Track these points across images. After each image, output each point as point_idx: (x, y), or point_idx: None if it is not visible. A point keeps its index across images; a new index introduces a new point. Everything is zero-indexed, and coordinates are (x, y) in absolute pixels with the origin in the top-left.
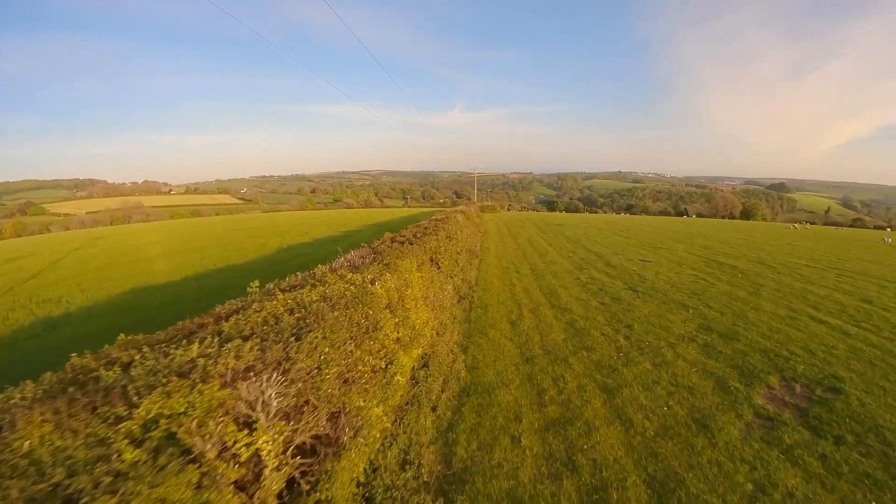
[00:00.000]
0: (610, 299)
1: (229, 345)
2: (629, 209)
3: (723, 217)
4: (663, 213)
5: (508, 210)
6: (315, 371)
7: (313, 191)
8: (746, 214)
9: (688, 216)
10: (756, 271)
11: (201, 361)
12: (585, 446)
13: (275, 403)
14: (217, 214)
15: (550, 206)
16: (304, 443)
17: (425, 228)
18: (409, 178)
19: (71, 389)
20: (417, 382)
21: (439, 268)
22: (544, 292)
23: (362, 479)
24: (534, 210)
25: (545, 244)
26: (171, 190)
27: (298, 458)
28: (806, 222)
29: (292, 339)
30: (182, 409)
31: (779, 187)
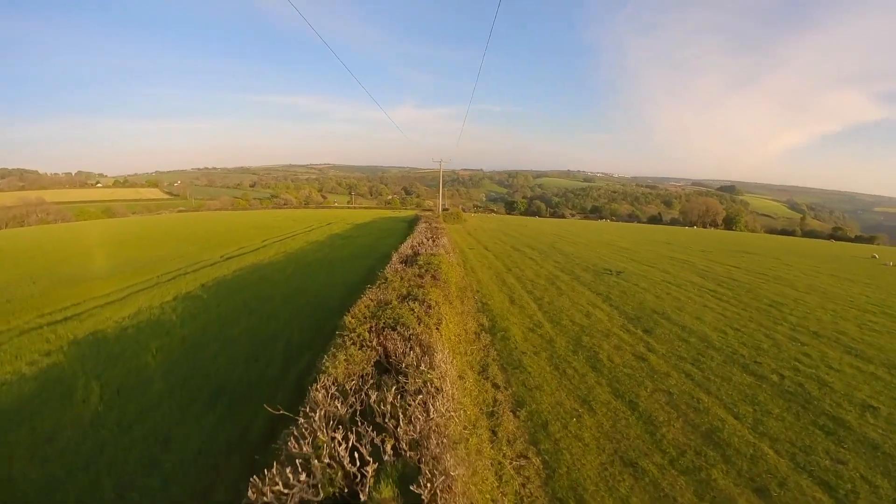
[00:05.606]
0: None
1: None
2: (596, 212)
3: (703, 226)
4: (632, 216)
5: (462, 210)
6: None
7: (253, 185)
8: (728, 222)
9: (663, 222)
10: None
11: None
12: None
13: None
14: (134, 213)
15: (509, 206)
16: None
17: None
18: (357, 173)
19: None
20: None
21: None
22: None
23: None
24: (491, 211)
25: None
26: (97, 182)
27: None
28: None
29: None
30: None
31: (729, 189)
